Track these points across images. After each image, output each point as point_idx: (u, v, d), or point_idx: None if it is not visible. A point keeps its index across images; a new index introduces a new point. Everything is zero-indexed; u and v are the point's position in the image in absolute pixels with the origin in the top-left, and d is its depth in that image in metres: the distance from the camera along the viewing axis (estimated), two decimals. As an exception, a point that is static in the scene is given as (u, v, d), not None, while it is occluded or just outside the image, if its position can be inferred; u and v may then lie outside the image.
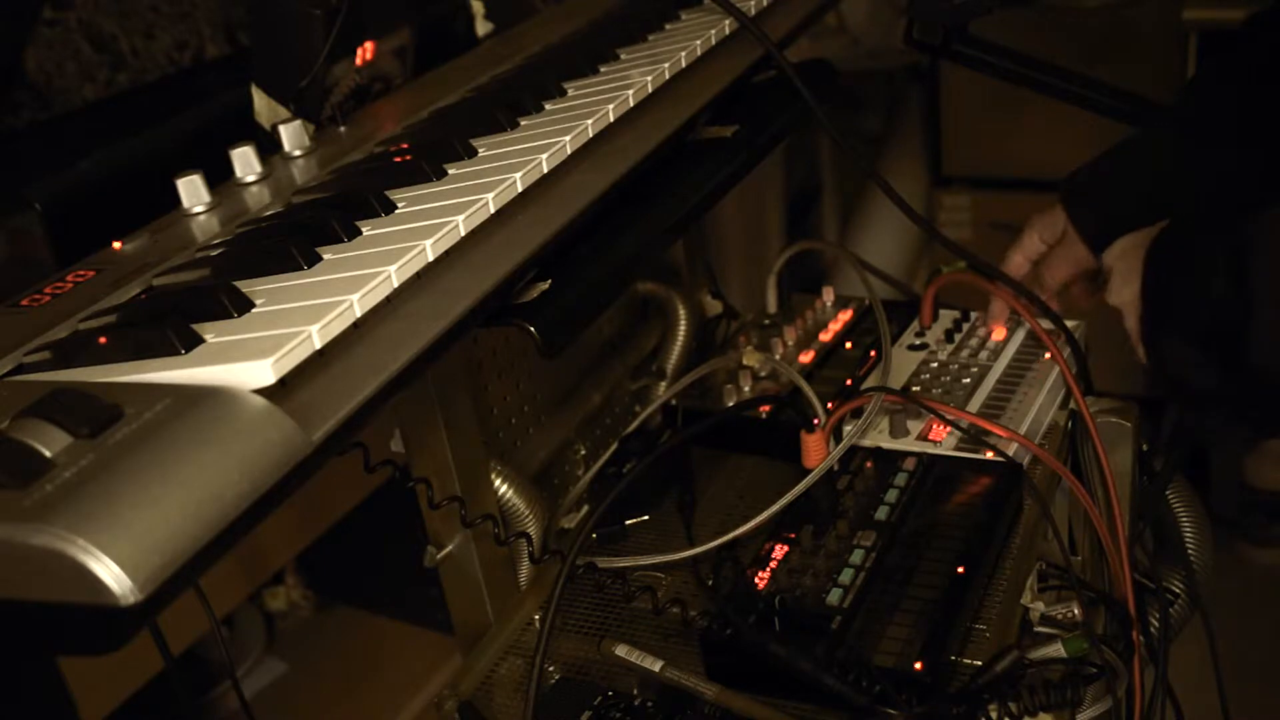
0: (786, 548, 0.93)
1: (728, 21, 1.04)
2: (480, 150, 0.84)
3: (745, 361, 1.17)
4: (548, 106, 0.92)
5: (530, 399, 1.11)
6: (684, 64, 0.98)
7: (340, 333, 0.60)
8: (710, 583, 0.94)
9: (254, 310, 0.64)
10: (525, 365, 1.10)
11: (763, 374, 1.16)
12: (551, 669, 0.92)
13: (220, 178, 0.88)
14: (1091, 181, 1.04)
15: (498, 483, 1.00)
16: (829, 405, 1.06)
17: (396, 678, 1.95)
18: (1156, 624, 1.01)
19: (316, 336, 0.58)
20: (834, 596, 0.87)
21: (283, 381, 0.56)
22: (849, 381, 1.14)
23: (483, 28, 1.29)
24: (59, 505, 0.47)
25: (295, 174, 0.89)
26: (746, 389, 1.14)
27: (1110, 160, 1.04)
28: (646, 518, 1.06)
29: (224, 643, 1.07)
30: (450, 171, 0.81)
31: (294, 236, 0.70)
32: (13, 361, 0.64)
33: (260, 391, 0.55)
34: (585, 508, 1.12)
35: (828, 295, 1.30)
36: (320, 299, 0.62)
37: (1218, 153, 0.97)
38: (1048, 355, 1.10)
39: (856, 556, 0.91)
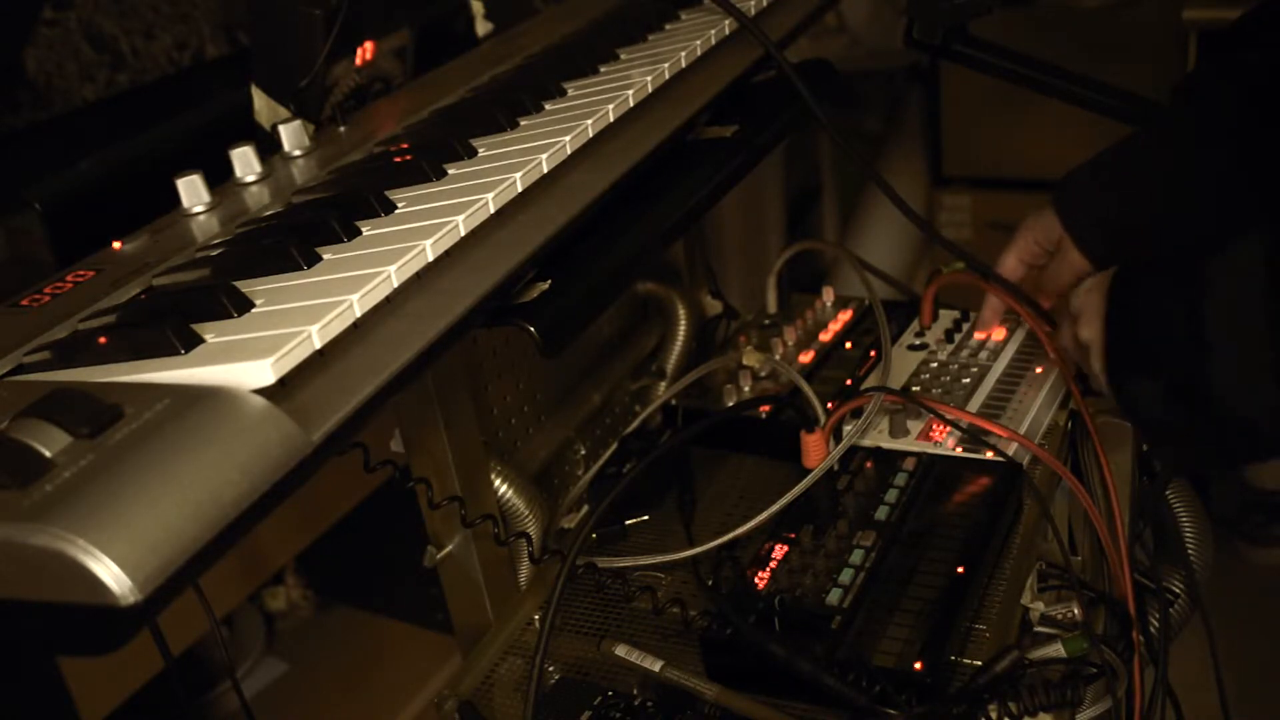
0: (786, 548, 0.93)
1: (728, 21, 1.04)
2: (480, 150, 0.84)
3: (745, 361, 1.17)
4: (548, 106, 0.92)
5: (530, 399, 1.11)
6: (684, 64, 0.97)
7: (340, 333, 0.60)
8: (710, 583, 0.94)
9: (254, 310, 0.64)
10: (525, 365, 1.10)
11: (763, 374, 1.16)
12: (551, 669, 0.92)
13: (220, 178, 0.88)
14: (1083, 188, 1.04)
15: (498, 483, 1.00)
16: (829, 405, 1.06)
17: (396, 678, 1.95)
18: (1156, 624, 1.01)
19: (316, 336, 0.58)
20: (834, 596, 0.87)
21: (282, 381, 0.56)
22: (849, 381, 1.14)
23: (483, 28, 1.29)
24: (59, 505, 0.46)
25: (295, 174, 0.89)
26: (746, 389, 1.14)
27: (1100, 166, 1.03)
28: (646, 518, 1.06)
29: (224, 643, 1.07)
30: (450, 171, 0.81)
31: (294, 236, 0.70)
32: (13, 361, 0.64)
33: (260, 391, 0.55)
34: (585, 508, 1.12)
35: (828, 295, 1.30)
36: (320, 299, 0.62)
37: (1210, 153, 0.97)
38: (1049, 355, 1.10)
39: (856, 556, 0.91)
